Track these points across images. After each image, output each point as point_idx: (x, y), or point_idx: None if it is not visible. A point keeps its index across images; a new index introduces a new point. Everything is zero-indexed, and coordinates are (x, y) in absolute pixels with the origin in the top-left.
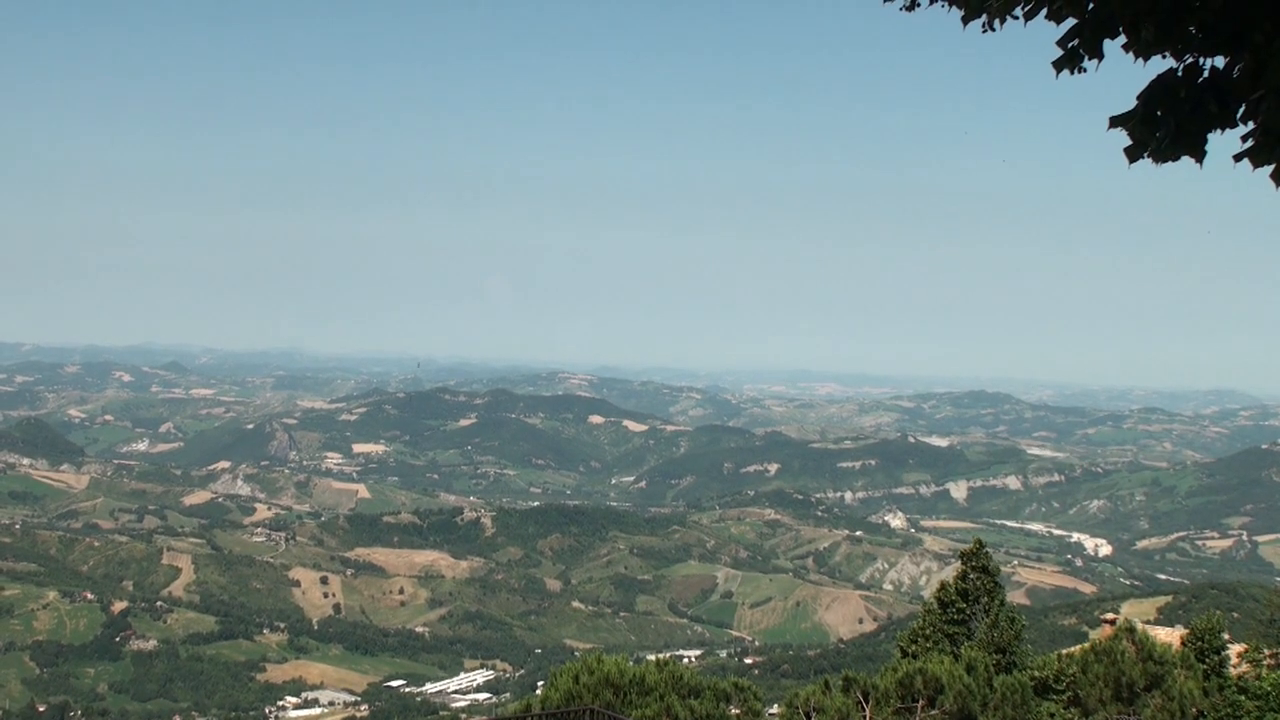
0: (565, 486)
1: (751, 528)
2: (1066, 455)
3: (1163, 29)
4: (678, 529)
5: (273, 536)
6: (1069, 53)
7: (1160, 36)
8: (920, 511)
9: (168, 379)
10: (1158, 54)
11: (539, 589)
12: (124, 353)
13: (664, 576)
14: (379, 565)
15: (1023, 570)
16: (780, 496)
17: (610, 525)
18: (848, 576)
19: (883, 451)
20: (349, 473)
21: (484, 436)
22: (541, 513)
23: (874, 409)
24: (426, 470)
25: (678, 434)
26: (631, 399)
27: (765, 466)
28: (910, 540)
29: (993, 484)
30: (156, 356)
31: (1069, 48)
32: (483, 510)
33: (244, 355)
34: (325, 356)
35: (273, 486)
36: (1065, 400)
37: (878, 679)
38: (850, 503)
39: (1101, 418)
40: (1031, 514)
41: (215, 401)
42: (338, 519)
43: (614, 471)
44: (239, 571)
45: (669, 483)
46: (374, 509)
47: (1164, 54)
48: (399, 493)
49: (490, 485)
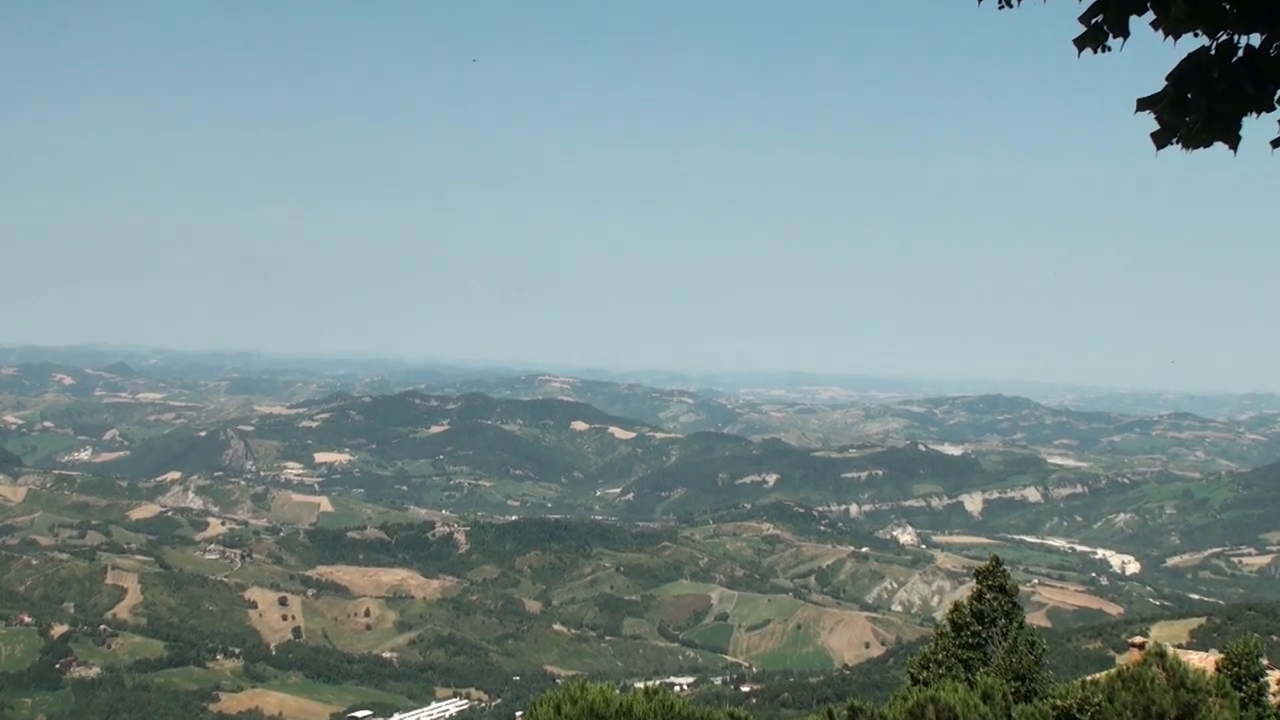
0: (546, 499)
1: (748, 544)
2: (1090, 465)
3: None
4: (668, 545)
5: (227, 554)
6: (1092, 30)
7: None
8: (932, 526)
9: (113, 382)
10: (1189, 31)
11: (517, 611)
12: (65, 354)
13: (653, 597)
14: (343, 585)
15: (1043, 590)
16: (779, 510)
17: (595, 541)
18: (853, 597)
19: (891, 461)
20: (310, 484)
21: (457, 444)
22: (520, 528)
23: (881, 414)
24: (395, 481)
25: (668, 442)
26: (618, 404)
27: (763, 477)
28: (921, 557)
29: (1010, 496)
30: (101, 358)
31: (1092, 24)
32: (456, 525)
33: (196, 356)
34: (285, 358)
35: (227, 499)
36: (1089, 405)
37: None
38: (856, 516)
39: (1128, 424)
40: (1052, 529)
41: (165, 406)
42: (298, 535)
43: (599, 483)
44: (190, 592)
45: (658, 495)
46: (337, 523)
47: (1195, 31)
48: (365, 506)
49: (464, 498)
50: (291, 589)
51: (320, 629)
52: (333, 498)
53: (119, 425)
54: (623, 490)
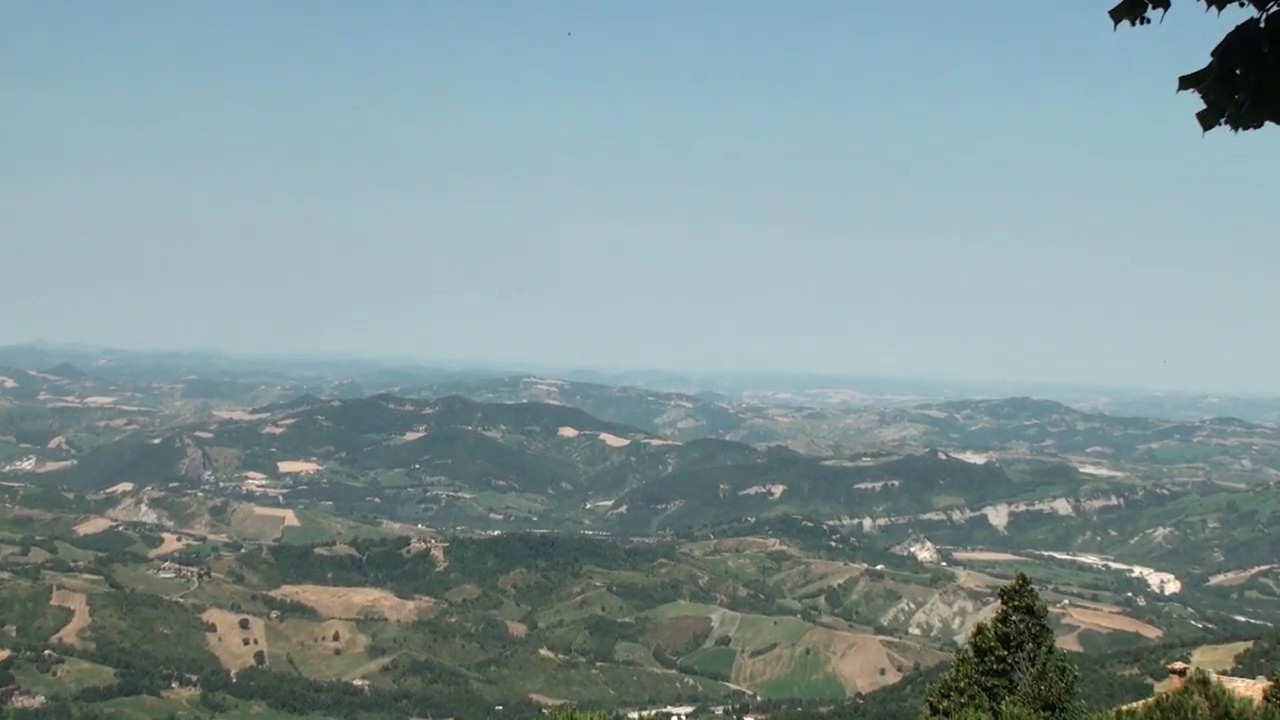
0: (531, 512)
1: (752, 561)
2: (1126, 474)
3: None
4: (665, 563)
5: (183, 572)
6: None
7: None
8: (953, 541)
9: (59, 385)
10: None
11: (500, 634)
12: (7, 354)
13: (648, 619)
14: (310, 606)
15: (1075, 611)
16: (786, 524)
17: (585, 558)
18: (867, 619)
19: (908, 470)
20: (274, 496)
21: (435, 453)
22: (503, 543)
23: (897, 420)
24: (366, 493)
25: (665, 450)
26: (610, 408)
27: (768, 488)
28: (941, 575)
29: (1039, 508)
30: (46, 358)
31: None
32: (433, 540)
33: (150, 357)
34: (246, 359)
35: (183, 513)
36: (1124, 409)
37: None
38: (870, 531)
39: (1167, 430)
40: (1085, 544)
41: (115, 411)
42: (261, 551)
43: (589, 494)
44: (143, 614)
45: (654, 508)
46: (304, 539)
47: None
48: (334, 520)
49: (442, 511)
50: (254, 611)
51: (285, 654)
52: (299, 511)
53: (65, 432)
54: (615, 503)
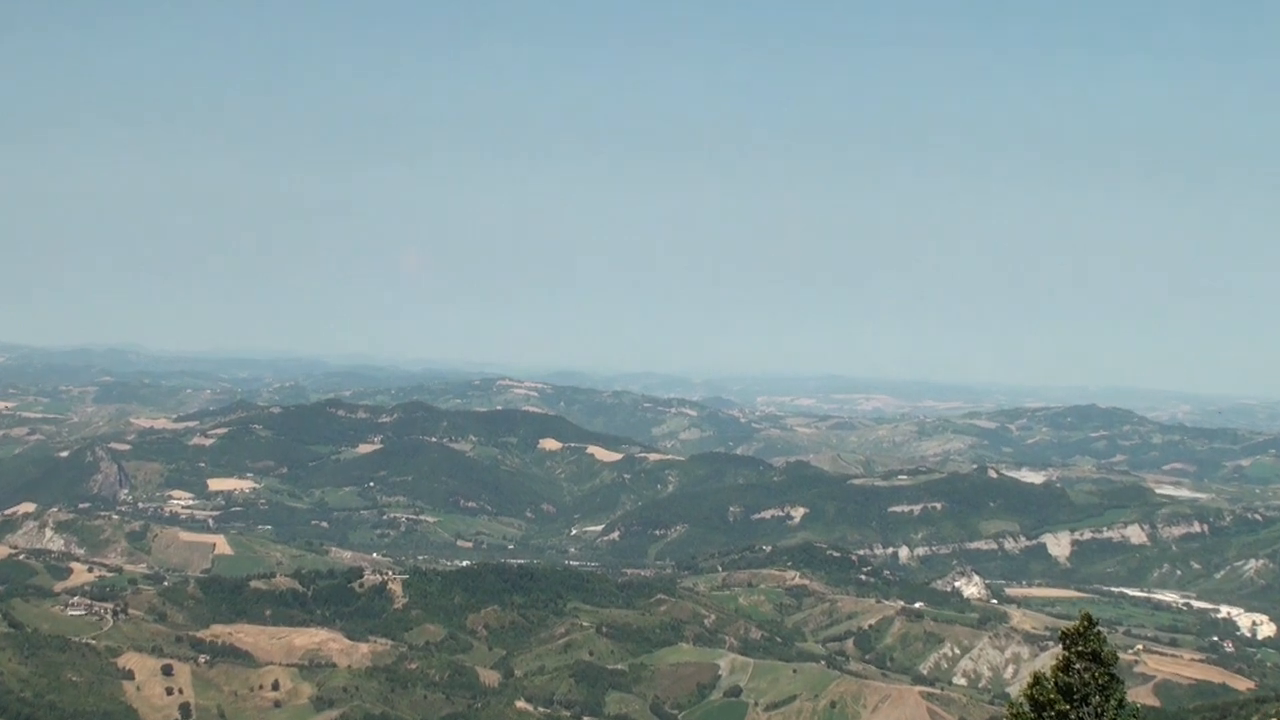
0: (506, 539)
1: (768, 597)
2: (1211, 496)
3: None
4: (664, 599)
5: (96, 609)
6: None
7: None
8: (1005, 575)
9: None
10: None
11: (469, 683)
12: None
13: (645, 666)
14: (244, 650)
15: (1150, 658)
16: (808, 553)
17: (569, 593)
18: (903, 666)
19: (952, 490)
20: (203, 519)
21: (393, 468)
22: (473, 576)
23: (940, 430)
24: (312, 515)
25: (664, 465)
26: (600, 416)
27: (787, 511)
28: (991, 615)
29: (1107, 536)
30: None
31: None
32: (390, 572)
33: (57, 354)
34: (171, 357)
35: (95, 539)
36: (1208, 419)
37: None
38: (907, 562)
39: (1261, 444)
40: (1162, 579)
41: (15, 419)
42: (187, 584)
43: (575, 518)
44: (47, 658)
45: (652, 534)
46: (238, 570)
47: None
48: (273, 547)
49: (401, 537)
50: (178, 655)
51: (215, 706)
52: (232, 537)
53: None
54: (606, 528)
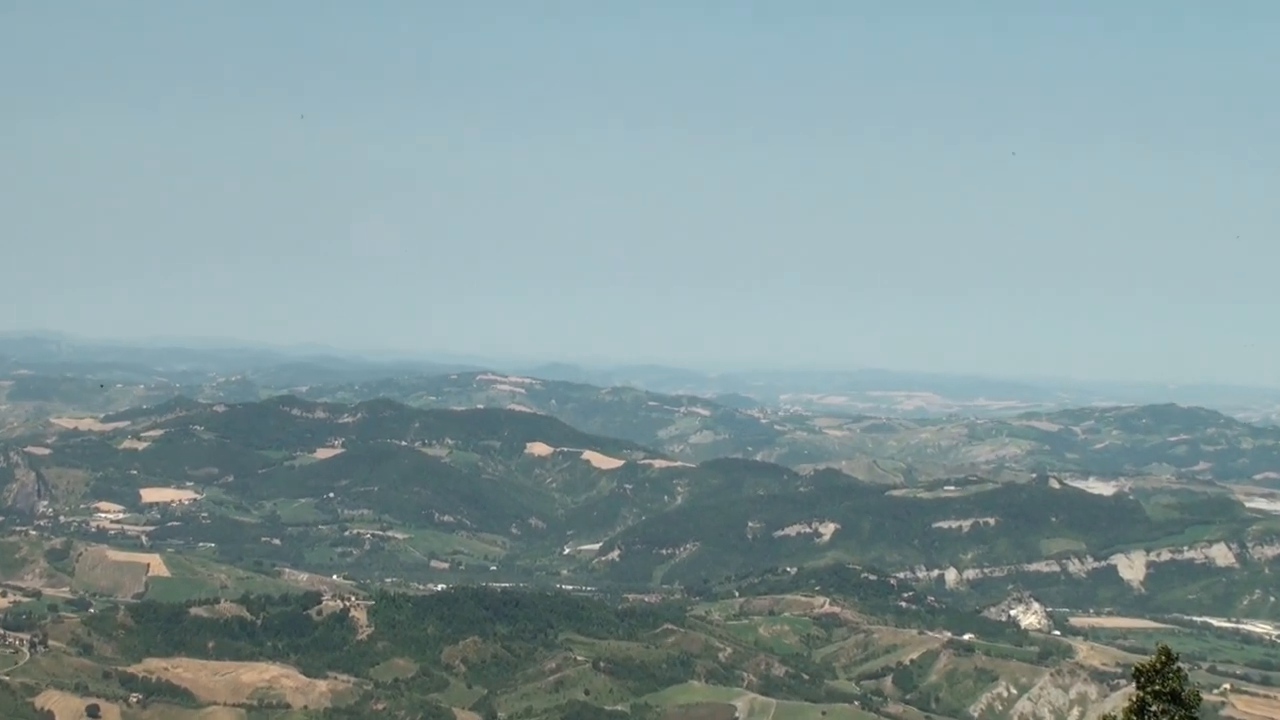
0: (488, 558)
1: (793, 627)
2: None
3: None
4: (672, 629)
5: (10, 640)
6: None
7: None
8: (1069, 602)
9: None
10: None
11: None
12: None
13: (650, 707)
14: (183, 687)
15: (1238, 699)
16: (840, 577)
17: (562, 622)
18: (950, 708)
19: (1008, 503)
20: (135, 535)
21: (356, 477)
22: (450, 602)
23: (993, 433)
24: (262, 531)
25: (672, 474)
26: (597, 416)
27: (815, 527)
28: (1053, 649)
29: (1189, 557)
30: None
31: None
32: (354, 598)
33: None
34: (97, 346)
35: (10, 558)
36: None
37: None
38: (954, 586)
39: None
40: (1253, 607)
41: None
42: (116, 612)
43: (568, 535)
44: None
45: (658, 553)
46: (176, 595)
47: None
48: (217, 569)
49: (366, 556)
50: (106, 693)
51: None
52: (169, 556)
53: None
54: (604, 546)
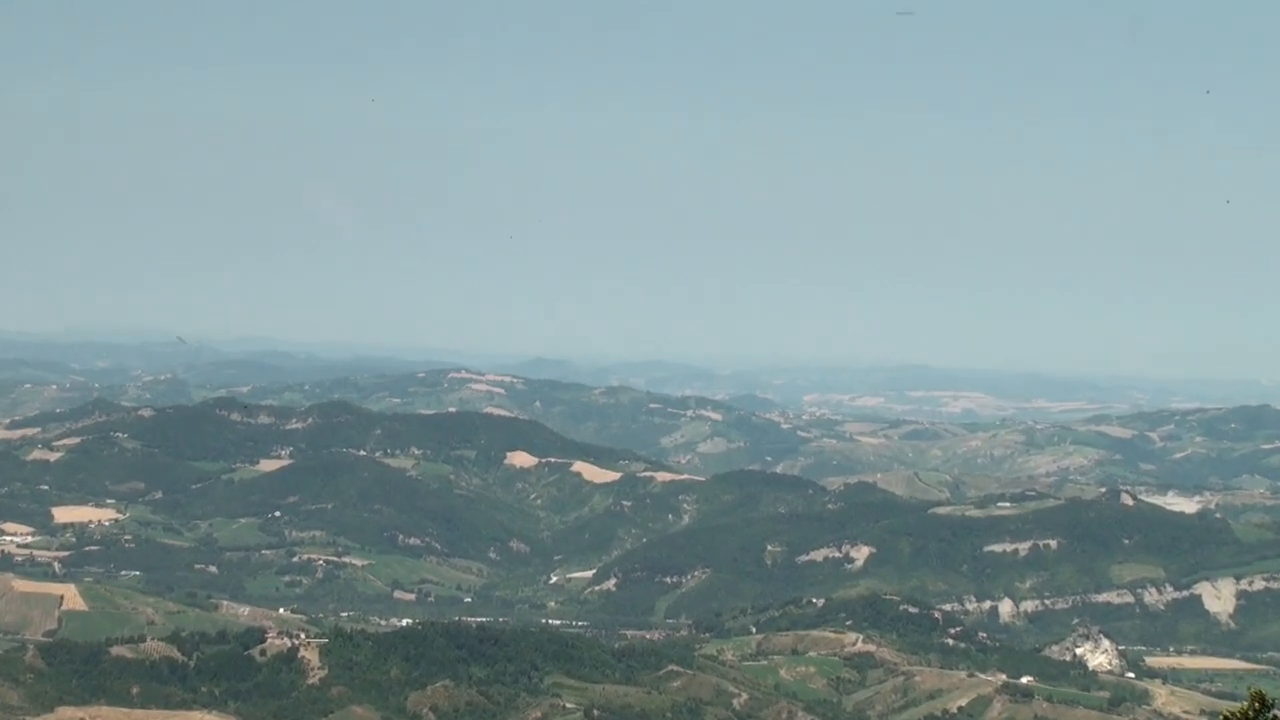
0: (462, 588)
1: (820, 669)
2: None
3: None
4: (678, 671)
5: None
6: None
7: None
8: (1145, 639)
9: None
10: None
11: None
12: None
13: None
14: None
15: None
16: (875, 609)
17: (549, 663)
18: None
19: (1073, 523)
20: (46, 562)
21: (307, 492)
22: (416, 640)
23: (1055, 440)
24: (195, 557)
25: (678, 488)
26: (590, 421)
27: (846, 551)
28: (1126, 693)
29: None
30: None
31: None
32: (303, 635)
33: None
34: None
35: None
36: None
37: None
38: (1010, 620)
39: None
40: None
41: None
42: (25, 652)
43: (556, 560)
44: None
45: (661, 581)
46: (94, 631)
47: None
48: (142, 601)
49: (318, 586)
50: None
51: None
52: (86, 586)
53: None
54: (598, 574)
